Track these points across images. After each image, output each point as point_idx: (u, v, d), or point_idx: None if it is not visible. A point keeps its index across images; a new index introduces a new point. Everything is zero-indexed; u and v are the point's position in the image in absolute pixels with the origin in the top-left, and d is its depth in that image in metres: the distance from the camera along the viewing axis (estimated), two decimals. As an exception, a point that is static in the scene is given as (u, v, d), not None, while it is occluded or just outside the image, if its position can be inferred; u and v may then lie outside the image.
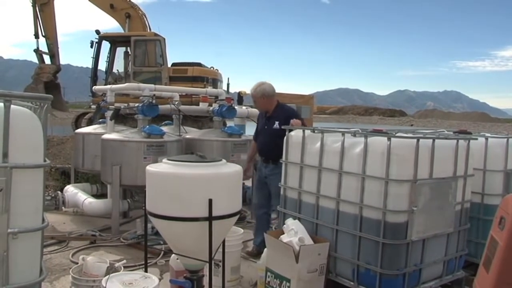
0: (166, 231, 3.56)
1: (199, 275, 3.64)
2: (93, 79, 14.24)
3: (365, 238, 4.11)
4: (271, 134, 5.46)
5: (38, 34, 15.96)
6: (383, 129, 4.57)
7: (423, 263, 4.20)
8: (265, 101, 5.56)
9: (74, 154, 8.60)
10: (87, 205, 7.00)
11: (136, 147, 6.46)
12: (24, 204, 2.44)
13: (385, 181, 3.95)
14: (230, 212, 3.47)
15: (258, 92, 5.55)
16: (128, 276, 3.64)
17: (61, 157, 12.27)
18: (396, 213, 3.96)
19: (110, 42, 14.19)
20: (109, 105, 7.64)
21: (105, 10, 14.97)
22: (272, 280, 4.38)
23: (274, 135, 5.34)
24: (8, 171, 2.33)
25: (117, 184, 6.56)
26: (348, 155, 4.28)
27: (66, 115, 19.68)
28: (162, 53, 13.00)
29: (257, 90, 5.57)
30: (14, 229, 2.37)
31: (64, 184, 8.82)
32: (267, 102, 5.57)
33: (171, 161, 3.48)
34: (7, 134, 2.32)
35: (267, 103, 5.57)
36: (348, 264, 4.29)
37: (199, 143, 7.00)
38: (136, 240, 6.20)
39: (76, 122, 13.51)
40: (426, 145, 4.09)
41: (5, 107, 2.32)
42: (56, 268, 5.29)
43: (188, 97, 10.70)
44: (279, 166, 5.12)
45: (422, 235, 4.11)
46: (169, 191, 3.34)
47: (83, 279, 4.11)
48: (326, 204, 4.50)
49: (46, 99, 2.70)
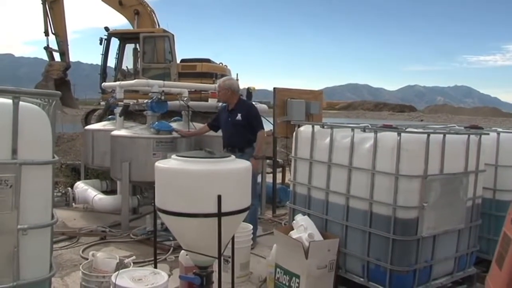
0: (175, 227, 3.56)
1: (208, 271, 3.64)
2: (102, 76, 14.26)
3: (375, 234, 4.08)
4: (235, 125, 6.05)
5: (48, 31, 16.04)
6: (393, 124, 4.54)
7: (434, 259, 4.17)
8: (229, 94, 6.15)
9: (84, 151, 8.64)
10: (97, 201, 7.05)
11: (145, 144, 6.48)
12: (33, 200, 2.45)
13: (395, 176, 3.92)
14: (239, 208, 3.45)
15: (226, 84, 6.19)
16: (138, 272, 3.65)
17: (71, 153, 12.33)
18: (406, 209, 3.93)
19: (119, 39, 14.20)
20: (118, 101, 7.66)
21: (114, 7, 14.99)
22: (282, 276, 4.37)
23: (238, 126, 6.02)
24: (17, 167, 2.34)
25: (126, 180, 6.57)
26: (357, 151, 4.26)
27: (76, 112, 19.78)
28: (171, 50, 12.99)
29: (225, 82, 6.26)
30: (24, 226, 2.38)
31: (74, 180, 8.86)
32: (231, 96, 6.16)
33: (180, 157, 3.47)
34: (16, 130, 2.33)
35: (230, 96, 6.16)
36: (358, 260, 4.27)
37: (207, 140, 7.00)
38: (145, 236, 6.22)
39: (86, 119, 13.54)
40: (436, 140, 4.05)
41: (13, 103, 2.33)
42: (66, 263, 5.32)
43: (197, 93, 10.69)
44: (245, 153, 5.84)
45: (433, 231, 4.08)
46: (178, 187, 3.33)
47: (93, 275, 4.12)
48: (335, 200, 4.48)
49: (55, 95, 2.71)
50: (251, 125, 6.01)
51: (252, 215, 5.54)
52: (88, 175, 9.05)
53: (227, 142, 6.15)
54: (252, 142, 6.04)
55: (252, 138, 6.03)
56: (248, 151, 5.96)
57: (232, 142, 6.06)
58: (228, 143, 6.11)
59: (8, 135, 2.32)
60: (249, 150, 5.98)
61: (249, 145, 6.03)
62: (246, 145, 6.02)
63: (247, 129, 6.01)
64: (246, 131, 6.01)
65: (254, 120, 6.06)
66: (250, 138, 6.03)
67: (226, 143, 6.16)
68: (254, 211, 5.79)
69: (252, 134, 6.02)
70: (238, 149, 5.89)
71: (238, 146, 5.99)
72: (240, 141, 6.02)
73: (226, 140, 6.19)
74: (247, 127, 6.01)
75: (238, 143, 6.02)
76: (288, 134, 7.67)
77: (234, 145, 6.01)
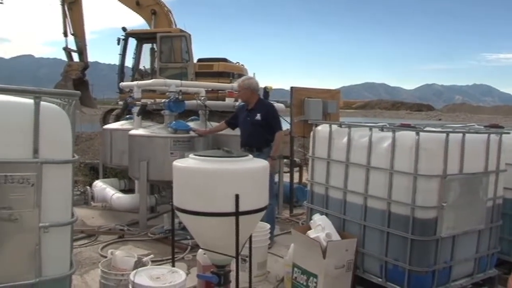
0: (193, 226, 3.57)
1: (226, 270, 3.65)
2: (120, 76, 14.35)
3: (393, 234, 4.06)
4: (254, 124, 6.04)
5: (67, 32, 16.19)
6: (411, 124, 4.50)
7: (453, 260, 4.12)
8: (249, 94, 6.15)
9: (102, 150, 8.72)
10: (115, 200, 7.11)
11: (163, 143, 6.52)
12: (54, 199, 2.47)
13: (413, 176, 3.89)
14: (257, 207, 3.45)
15: (245, 84, 6.18)
16: (156, 270, 3.68)
17: (89, 153, 12.46)
18: (425, 209, 3.90)
19: (137, 39, 14.28)
20: (136, 101, 7.70)
21: (131, 8, 15.07)
22: (299, 275, 4.36)
23: (257, 125, 6.02)
24: (38, 166, 2.37)
25: (144, 179, 6.62)
26: (375, 150, 4.23)
27: (94, 111, 19.93)
28: (187, 49, 13.02)
29: (245, 82, 6.24)
30: (45, 223, 2.41)
31: (92, 179, 8.95)
32: (250, 95, 6.16)
33: (198, 157, 3.49)
34: (38, 130, 2.36)
35: (250, 96, 6.16)
36: (376, 260, 4.24)
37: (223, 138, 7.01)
38: (163, 235, 6.26)
39: (104, 118, 13.65)
40: (455, 139, 4.01)
41: (35, 103, 2.36)
42: (86, 261, 5.38)
43: (214, 93, 10.70)
44: (263, 153, 5.83)
45: (452, 231, 4.04)
46: (196, 186, 3.34)
47: (112, 273, 4.16)
48: (353, 200, 4.46)
49: (74, 95, 2.74)
50: (270, 125, 6.01)
51: (270, 214, 5.54)
52: (107, 174, 9.12)
53: (245, 142, 6.15)
54: (270, 142, 6.03)
55: (270, 138, 6.03)
56: (266, 151, 5.96)
57: (250, 142, 6.06)
58: (246, 143, 6.10)
59: (30, 134, 2.35)
60: (266, 149, 5.98)
61: (267, 145, 6.02)
62: (264, 144, 6.02)
63: (266, 129, 6.01)
64: (265, 131, 6.01)
65: (273, 120, 6.07)
66: (268, 138, 6.03)
67: (244, 142, 6.15)
68: (271, 211, 5.79)
69: (270, 134, 6.02)
70: (256, 149, 5.88)
71: (256, 145, 5.98)
72: (258, 141, 6.01)
73: (244, 139, 6.19)
74: (265, 127, 6.01)
75: (256, 142, 6.01)
76: (305, 133, 7.65)
77: (252, 145, 6.00)
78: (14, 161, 2.33)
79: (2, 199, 2.30)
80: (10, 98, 2.45)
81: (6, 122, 2.33)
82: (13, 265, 2.37)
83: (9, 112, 2.37)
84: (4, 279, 2.34)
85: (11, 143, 2.34)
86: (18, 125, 2.36)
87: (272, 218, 5.97)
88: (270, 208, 5.58)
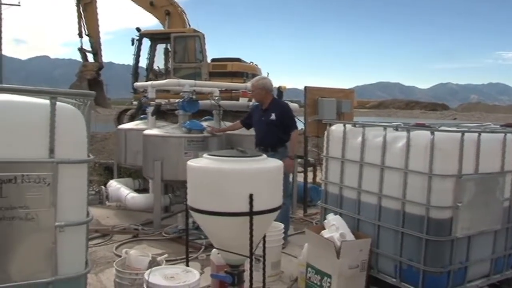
0: (207, 226, 3.58)
1: (239, 270, 3.65)
2: (134, 76, 14.45)
3: (408, 234, 4.03)
4: (268, 124, 6.02)
5: (82, 33, 16.35)
6: (426, 123, 4.47)
7: (469, 260, 4.08)
8: (263, 94, 6.14)
9: (117, 150, 8.78)
10: (130, 200, 7.15)
11: (177, 143, 6.54)
12: (69, 198, 2.49)
13: (428, 176, 3.86)
14: (271, 207, 3.45)
15: (260, 84, 6.17)
16: (170, 270, 3.70)
17: (104, 152, 12.54)
18: (440, 209, 3.87)
19: (151, 39, 14.37)
20: (150, 101, 7.75)
21: (145, 8, 15.18)
22: (313, 275, 4.36)
23: (271, 125, 5.99)
24: (54, 166, 2.39)
25: (158, 179, 6.65)
26: (390, 150, 4.21)
27: (108, 111, 20.10)
28: (201, 49, 13.08)
29: (259, 82, 6.23)
30: (61, 223, 2.43)
31: (107, 179, 9.01)
32: (265, 95, 6.15)
33: (212, 156, 3.49)
34: (53, 130, 2.38)
35: (264, 96, 6.15)
36: (390, 260, 4.22)
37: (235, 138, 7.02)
38: (177, 235, 6.28)
39: (118, 118, 13.75)
40: (471, 139, 3.97)
41: (51, 104, 2.38)
42: (100, 260, 5.42)
43: (228, 93, 10.73)
44: (278, 152, 5.81)
45: (467, 231, 4.00)
46: (210, 186, 3.34)
47: (127, 272, 4.18)
48: (367, 200, 4.44)
49: (89, 95, 2.76)
50: (285, 125, 6.00)
51: (284, 214, 5.53)
52: (121, 174, 9.18)
53: (259, 141, 6.15)
54: (285, 141, 6.03)
55: (285, 137, 6.02)
56: (281, 151, 5.95)
57: (265, 142, 6.05)
58: (261, 142, 6.10)
59: (46, 134, 2.37)
60: (281, 149, 5.97)
61: (281, 145, 6.01)
62: (279, 144, 6.01)
63: (281, 129, 6.01)
64: (280, 131, 6.01)
65: (288, 120, 6.06)
66: (283, 137, 6.02)
67: (259, 142, 6.15)
68: (285, 210, 5.78)
69: (285, 133, 6.01)
70: (271, 148, 5.88)
71: (271, 145, 5.98)
72: (273, 141, 6.00)
73: (258, 139, 6.19)
74: (280, 127, 6.01)
75: (271, 142, 6.00)
76: (319, 133, 7.64)
77: (267, 145, 5.99)
78: (31, 161, 2.36)
79: (19, 198, 2.33)
80: (26, 98, 2.48)
81: (22, 122, 2.36)
82: (30, 264, 2.39)
83: (26, 113, 2.39)
84: (21, 277, 2.36)
85: (28, 143, 2.37)
86: (34, 125, 2.38)
87: (286, 218, 5.96)
88: (284, 208, 5.59)
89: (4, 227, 2.31)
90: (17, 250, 2.37)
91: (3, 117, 2.32)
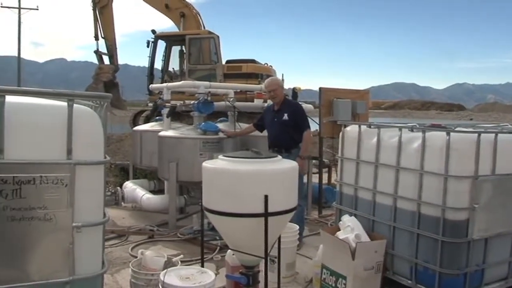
0: (222, 227, 3.60)
1: (254, 270, 3.66)
2: (149, 78, 14.52)
3: (424, 235, 4.01)
4: (281, 124, 6.04)
5: (98, 36, 16.48)
6: (442, 124, 4.44)
7: (486, 263, 4.05)
8: (281, 92, 6.29)
9: (132, 151, 8.83)
10: (145, 201, 7.20)
11: (192, 144, 6.56)
12: (86, 199, 2.53)
13: (444, 177, 3.84)
14: (286, 208, 3.46)
15: (278, 81, 6.46)
16: (185, 270, 3.72)
17: (120, 154, 12.62)
18: (456, 210, 3.84)
19: (166, 41, 14.43)
20: (166, 102, 7.78)
21: (161, 10, 15.25)
22: (328, 277, 4.35)
23: (284, 125, 6.01)
24: (72, 167, 2.43)
25: (173, 180, 6.68)
26: (405, 151, 4.19)
27: (124, 113, 20.20)
28: (216, 51, 13.10)
29: (274, 80, 6.49)
30: (78, 223, 2.46)
31: (123, 180, 9.07)
32: (281, 94, 6.29)
33: (227, 158, 3.51)
34: (71, 132, 2.41)
35: (281, 94, 6.29)
36: (406, 262, 4.20)
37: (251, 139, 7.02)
38: (192, 236, 6.29)
39: (134, 120, 13.83)
40: (487, 139, 3.94)
41: (68, 106, 2.42)
42: (116, 261, 5.46)
43: (243, 94, 10.73)
44: (292, 154, 5.79)
45: (484, 233, 3.96)
46: (225, 187, 3.36)
47: (142, 273, 4.22)
48: (383, 201, 4.42)
49: (106, 97, 2.79)
50: (298, 125, 5.98)
51: (299, 215, 5.51)
52: (137, 175, 9.22)
53: (273, 142, 6.14)
54: (298, 142, 6.00)
55: (298, 138, 6.00)
56: (294, 152, 5.92)
57: (278, 142, 6.04)
58: (274, 143, 6.10)
59: (63, 136, 2.41)
60: (295, 150, 5.95)
61: (295, 146, 5.99)
62: (292, 145, 5.99)
63: (294, 129, 5.99)
64: (293, 131, 5.99)
65: (301, 120, 6.04)
66: (296, 138, 6.00)
67: (272, 143, 6.15)
68: (300, 212, 5.77)
69: (298, 134, 5.99)
70: (284, 149, 5.87)
71: (284, 146, 5.96)
72: (286, 141, 5.99)
73: (271, 140, 6.18)
74: (293, 127, 5.99)
75: (284, 143, 5.99)
76: (334, 134, 7.62)
77: (280, 145, 5.98)
78: (49, 162, 2.39)
79: (38, 199, 2.37)
80: (44, 101, 2.53)
81: (41, 124, 2.40)
82: (48, 263, 2.43)
83: (44, 115, 2.43)
84: (39, 277, 2.40)
85: (46, 144, 2.41)
86: (52, 127, 2.42)
87: (301, 219, 5.95)
88: (299, 209, 5.58)
89: (24, 227, 2.35)
90: (35, 250, 2.41)
91: (22, 119, 2.36)
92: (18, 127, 2.33)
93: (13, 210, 2.32)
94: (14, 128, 2.31)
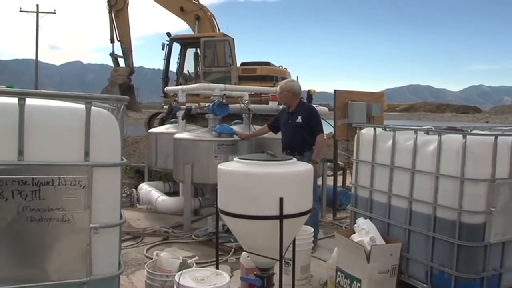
0: (237, 229, 3.60)
1: (269, 273, 3.66)
2: (164, 80, 14.64)
3: (439, 239, 3.99)
4: (295, 127, 6.02)
5: (114, 39, 16.65)
6: (457, 126, 4.41)
7: (503, 267, 4.01)
8: (290, 96, 6.13)
9: (148, 153, 8.89)
10: (160, 203, 7.23)
11: (207, 146, 6.59)
12: (103, 200, 2.55)
13: (460, 180, 3.81)
14: (301, 210, 3.45)
15: (287, 86, 6.18)
16: (200, 272, 3.73)
17: (135, 156, 12.70)
18: (472, 214, 3.81)
19: (181, 44, 14.53)
20: (181, 105, 7.82)
21: (176, 13, 15.35)
22: (343, 280, 4.34)
23: (298, 128, 5.98)
24: (89, 169, 2.46)
25: (188, 182, 6.71)
26: (421, 153, 4.17)
27: (139, 115, 20.35)
28: (231, 53, 13.16)
29: (287, 84, 6.26)
30: (95, 225, 2.49)
31: (138, 182, 9.13)
32: (292, 98, 6.13)
33: (242, 160, 3.52)
34: (89, 134, 2.44)
35: (291, 98, 6.14)
36: (421, 265, 4.17)
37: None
38: (207, 237, 6.32)
39: (149, 122, 13.94)
40: (505, 142, 3.90)
41: (86, 108, 2.45)
42: (131, 262, 5.49)
43: (258, 96, 10.75)
44: (305, 156, 5.72)
45: (502, 237, 3.92)
46: (241, 189, 3.37)
47: (157, 274, 4.24)
48: (398, 204, 4.40)
49: (123, 100, 2.81)
50: (311, 128, 5.98)
51: (313, 218, 5.51)
52: (152, 177, 9.29)
53: (286, 145, 6.14)
54: (312, 145, 6.00)
55: (311, 141, 5.99)
56: (308, 154, 5.89)
57: (292, 145, 6.04)
58: (288, 146, 6.09)
59: (81, 138, 2.44)
60: (308, 153, 5.93)
61: (308, 148, 5.98)
62: (306, 148, 5.98)
63: (307, 132, 5.98)
64: (306, 134, 5.98)
65: (315, 123, 6.02)
66: (309, 141, 5.99)
67: (286, 145, 6.14)
68: (315, 214, 5.76)
69: (312, 136, 5.98)
70: (298, 152, 5.85)
71: (298, 148, 5.96)
72: (299, 144, 5.98)
73: (285, 142, 6.18)
74: (307, 130, 5.98)
75: (297, 145, 5.98)
76: (349, 136, 7.60)
77: (294, 148, 5.98)
78: (67, 164, 2.42)
79: (56, 200, 2.39)
80: (62, 103, 2.56)
81: (59, 127, 2.44)
82: (66, 264, 2.46)
83: (62, 117, 2.47)
84: (58, 277, 2.43)
85: (64, 146, 2.44)
86: (70, 129, 2.45)
87: (315, 221, 5.94)
88: (314, 212, 5.58)
89: (42, 228, 2.38)
90: (54, 251, 2.44)
91: (41, 122, 2.39)
92: (37, 129, 2.36)
93: (33, 211, 2.35)
94: (33, 130, 2.34)
